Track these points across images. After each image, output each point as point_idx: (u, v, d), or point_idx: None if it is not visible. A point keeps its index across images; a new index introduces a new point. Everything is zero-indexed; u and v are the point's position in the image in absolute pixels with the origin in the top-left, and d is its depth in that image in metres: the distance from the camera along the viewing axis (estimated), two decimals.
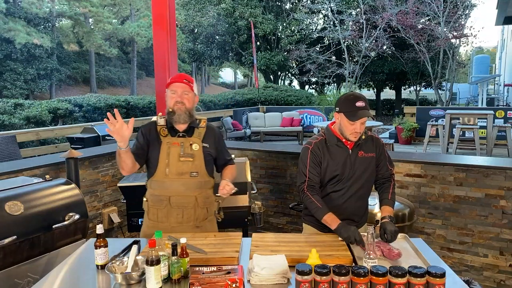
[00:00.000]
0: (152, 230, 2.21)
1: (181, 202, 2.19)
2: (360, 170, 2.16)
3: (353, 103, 2.02)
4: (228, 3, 20.20)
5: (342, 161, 2.14)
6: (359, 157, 2.16)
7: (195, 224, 2.24)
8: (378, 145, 2.23)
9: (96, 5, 26.11)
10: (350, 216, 2.21)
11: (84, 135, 6.67)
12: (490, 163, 3.16)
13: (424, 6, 14.92)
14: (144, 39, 26.69)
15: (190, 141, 2.21)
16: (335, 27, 17.33)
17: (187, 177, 2.19)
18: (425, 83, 21.27)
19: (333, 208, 2.14)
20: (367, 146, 2.19)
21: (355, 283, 1.44)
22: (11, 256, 2.14)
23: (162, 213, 2.21)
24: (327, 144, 2.16)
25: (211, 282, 1.52)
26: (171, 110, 2.15)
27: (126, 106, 11.47)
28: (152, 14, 3.88)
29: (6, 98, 12.70)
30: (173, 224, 2.21)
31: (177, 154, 2.17)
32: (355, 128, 2.04)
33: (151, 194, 2.25)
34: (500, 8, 8.05)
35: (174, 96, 2.16)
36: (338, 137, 2.15)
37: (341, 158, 2.14)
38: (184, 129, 2.22)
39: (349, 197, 2.18)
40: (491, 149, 8.48)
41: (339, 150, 2.15)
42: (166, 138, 2.20)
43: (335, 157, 2.14)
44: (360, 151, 2.16)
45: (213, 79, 45.48)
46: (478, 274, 3.15)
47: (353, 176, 2.16)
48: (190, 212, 2.21)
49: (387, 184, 2.25)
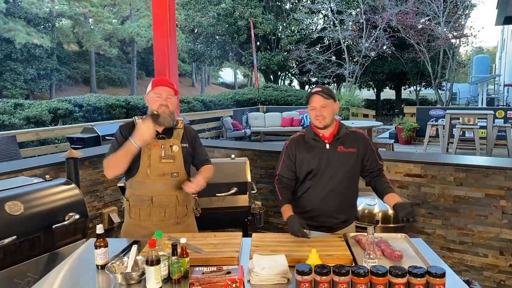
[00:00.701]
0: (134, 228, 2.28)
1: (163, 202, 2.25)
2: (338, 165, 2.16)
3: (311, 91, 2.18)
4: (228, 3, 20.20)
5: (319, 156, 2.16)
6: (337, 152, 2.16)
7: (176, 221, 2.31)
8: (361, 141, 2.21)
9: (96, 5, 26.12)
10: (331, 213, 2.20)
11: (84, 135, 6.67)
12: (490, 163, 3.16)
13: (424, 6, 14.93)
14: (144, 39, 26.70)
15: (170, 143, 2.26)
16: (335, 27, 17.35)
17: (168, 177, 2.24)
18: (425, 83, 21.28)
19: (311, 204, 2.19)
20: (348, 141, 2.19)
21: (355, 283, 1.44)
22: (11, 256, 2.14)
23: (145, 213, 2.26)
24: (305, 139, 2.22)
25: (211, 282, 1.52)
26: (156, 113, 2.18)
27: (126, 106, 11.45)
28: (152, 14, 3.87)
29: (6, 98, 12.69)
30: (155, 223, 2.26)
31: (158, 156, 2.22)
32: (315, 112, 2.12)
33: (131, 194, 2.29)
34: (500, 8, 8.05)
35: (158, 99, 2.20)
36: (315, 132, 2.20)
37: (317, 153, 2.17)
38: (163, 129, 2.27)
39: (327, 193, 2.17)
40: (491, 149, 8.48)
41: (316, 144, 2.19)
42: None
43: (311, 151, 2.18)
44: (339, 146, 2.17)
45: (213, 79, 45.47)
46: (478, 274, 3.15)
47: (330, 171, 2.16)
48: (171, 211, 2.28)
49: (380, 176, 2.23)
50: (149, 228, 2.22)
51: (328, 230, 2.15)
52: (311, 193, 2.20)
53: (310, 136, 2.20)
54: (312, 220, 2.17)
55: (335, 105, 2.17)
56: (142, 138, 2.07)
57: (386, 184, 2.18)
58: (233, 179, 3.15)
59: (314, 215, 2.19)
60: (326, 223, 2.20)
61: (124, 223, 2.37)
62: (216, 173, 3.06)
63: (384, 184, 2.18)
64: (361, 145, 2.20)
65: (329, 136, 2.18)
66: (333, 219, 2.20)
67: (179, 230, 2.30)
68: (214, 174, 2.47)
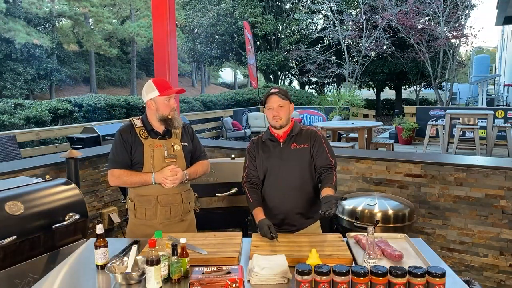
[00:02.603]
0: (140, 228, 2.30)
1: (169, 200, 2.30)
2: (293, 161, 2.23)
3: (268, 92, 2.23)
4: (228, 3, 20.19)
5: (275, 155, 2.24)
6: (291, 149, 2.24)
7: (180, 218, 2.36)
8: (313, 137, 2.27)
9: (96, 5, 26.13)
10: (294, 210, 2.23)
11: (84, 135, 6.66)
12: (490, 163, 3.16)
13: (424, 6, 14.91)
14: (144, 39, 26.69)
15: (172, 142, 2.32)
16: (335, 27, 17.34)
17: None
18: (425, 83, 21.27)
19: (272, 202, 2.23)
20: (300, 138, 2.27)
21: (355, 283, 1.44)
22: (11, 256, 2.14)
23: (151, 212, 2.29)
24: (262, 140, 2.30)
25: (211, 282, 1.52)
26: (169, 117, 2.25)
27: (126, 106, 11.45)
28: (152, 14, 3.88)
29: (6, 98, 12.68)
30: (161, 221, 2.30)
31: (162, 156, 2.26)
32: (272, 111, 2.18)
33: (136, 194, 2.31)
34: (500, 8, 8.05)
35: (169, 103, 2.26)
36: (271, 132, 2.28)
37: (272, 152, 2.25)
38: (163, 130, 2.31)
39: (286, 189, 2.22)
40: (491, 149, 8.48)
41: (271, 144, 2.27)
42: (147, 141, 2.27)
43: (267, 151, 2.26)
44: (293, 143, 2.24)
45: (213, 79, 45.47)
46: (478, 274, 3.15)
47: (285, 167, 2.22)
48: (176, 208, 2.32)
49: (329, 173, 2.23)
50: (155, 227, 2.24)
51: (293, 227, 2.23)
52: (270, 192, 2.27)
53: (267, 137, 2.29)
54: (275, 218, 2.22)
55: (291, 106, 2.26)
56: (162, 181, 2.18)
57: (327, 179, 2.18)
58: (233, 179, 3.15)
59: (276, 212, 2.25)
60: (289, 220, 2.25)
61: (129, 224, 2.39)
62: (216, 173, 3.07)
63: (326, 179, 2.19)
64: (313, 140, 2.26)
65: (283, 135, 2.26)
66: (295, 215, 2.24)
67: (183, 227, 2.36)
68: (214, 174, 2.48)
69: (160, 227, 2.27)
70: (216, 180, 3.10)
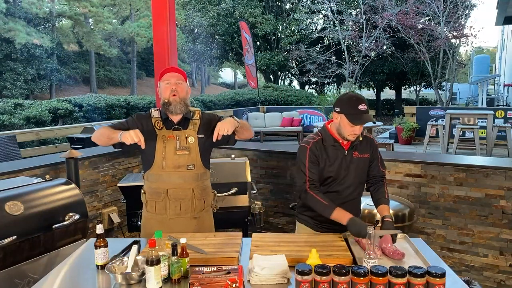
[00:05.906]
0: (151, 221, 2.25)
1: (178, 195, 2.20)
2: (354, 172, 2.14)
3: (356, 106, 1.99)
4: (228, 3, 20.19)
5: (338, 163, 2.12)
6: (354, 158, 2.14)
7: (193, 216, 2.25)
8: (372, 146, 2.22)
9: (96, 5, 26.13)
10: None
11: (84, 135, 6.66)
12: (490, 163, 3.16)
13: (424, 6, 14.91)
14: (144, 39, 26.69)
15: (186, 134, 2.21)
16: (335, 27, 17.34)
17: (183, 170, 2.19)
18: (425, 83, 21.28)
19: None
20: (362, 147, 2.17)
21: (355, 283, 1.44)
22: (11, 256, 2.14)
23: (160, 206, 2.22)
24: (324, 144, 2.13)
25: (211, 282, 1.52)
26: (166, 101, 2.15)
27: (126, 106, 11.46)
28: (152, 14, 3.87)
29: (6, 98, 12.70)
30: (171, 216, 2.22)
31: (173, 147, 2.17)
32: (355, 130, 2.03)
33: (148, 186, 2.26)
34: (500, 8, 8.05)
35: (168, 86, 2.16)
36: (334, 137, 2.12)
37: (337, 159, 2.12)
38: (179, 120, 2.22)
39: (343, 199, 2.14)
40: (491, 149, 8.48)
41: (335, 151, 2.12)
42: (161, 131, 2.19)
43: (331, 158, 2.12)
44: (355, 152, 2.15)
45: (213, 79, 45.46)
46: (478, 274, 3.15)
47: (347, 178, 2.14)
48: (187, 204, 2.22)
49: (380, 184, 2.21)
50: (165, 223, 2.19)
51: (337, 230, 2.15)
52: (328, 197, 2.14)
53: (330, 142, 2.12)
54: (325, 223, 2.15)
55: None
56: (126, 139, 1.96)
57: (381, 193, 2.17)
58: (233, 179, 3.15)
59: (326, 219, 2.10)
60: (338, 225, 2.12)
61: (142, 217, 2.35)
62: (216, 173, 3.07)
63: (380, 193, 2.18)
64: (371, 149, 2.21)
65: (347, 142, 2.13)
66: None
67: (196, 225, 2.26)
68: (214, 174, 2.46)
69: (171, 222, 2.19)
70: (216, 180, 3.10)
